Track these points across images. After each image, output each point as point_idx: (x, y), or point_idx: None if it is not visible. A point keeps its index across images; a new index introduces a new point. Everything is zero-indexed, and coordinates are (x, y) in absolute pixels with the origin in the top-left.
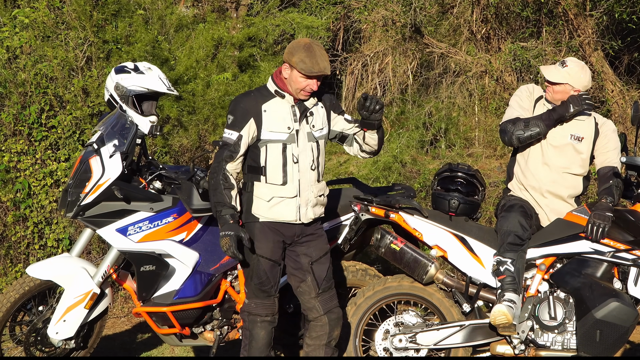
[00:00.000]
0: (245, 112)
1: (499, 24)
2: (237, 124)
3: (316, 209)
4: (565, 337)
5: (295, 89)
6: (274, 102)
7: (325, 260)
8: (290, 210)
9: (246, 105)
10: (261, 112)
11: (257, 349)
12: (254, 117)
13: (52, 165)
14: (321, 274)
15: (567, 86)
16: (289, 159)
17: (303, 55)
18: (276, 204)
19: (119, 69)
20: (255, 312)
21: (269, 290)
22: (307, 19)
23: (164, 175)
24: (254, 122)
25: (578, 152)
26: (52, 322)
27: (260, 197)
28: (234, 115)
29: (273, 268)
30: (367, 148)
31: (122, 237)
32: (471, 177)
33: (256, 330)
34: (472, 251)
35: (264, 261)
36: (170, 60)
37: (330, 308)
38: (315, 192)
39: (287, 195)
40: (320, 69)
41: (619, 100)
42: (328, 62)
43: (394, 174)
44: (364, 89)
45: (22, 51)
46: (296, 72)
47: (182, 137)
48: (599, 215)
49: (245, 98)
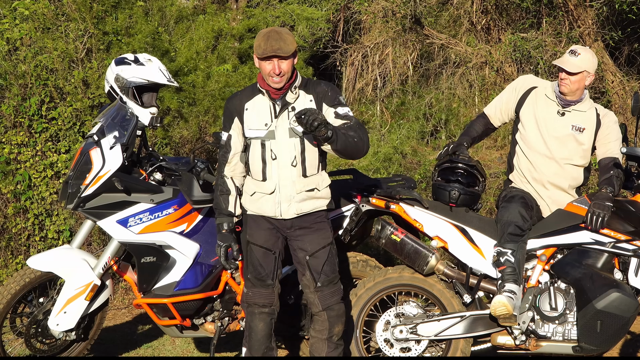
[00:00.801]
0: (231, 112)
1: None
2: (227, 124)
3: (306, 204)
4: (566, 327)
5: (266, 77)
6: (257, 99)
7: (323, 254)
8: (269, 206)
9: (231, 105)
10: (243, 110)
11: (256, 341)
12: (237, 115)
13: (53, 157)
14: (317, 268)
15: (585, 73)
16: (268, 156)
17: (259, 41)
18: (257, 199)
19: (119, 61)
20: (253, 301)
21: (264, 278)
22: (307, 11)
23: (165, 166)
24: (238, 120)
25: (579, 143)
26: (52, 314)
27: (246, 191)
28: (224, 116)
29: (266, 256)
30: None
31: (122, 228)
32: (471, 168)
33: (254, 322)
34: (473, 242)
35: (255, 248)
36: (171, 52)
37: (329, 305)
38: (300, 188)
39: (265, 192)
40: (273, 49)
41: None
42: (287, 42)
43: (395, 165)
44: (364, 80)
45: (22, 43)
46: (257, 60)
47: (182, 129)
48: (599, 204)
49: (233, 98)
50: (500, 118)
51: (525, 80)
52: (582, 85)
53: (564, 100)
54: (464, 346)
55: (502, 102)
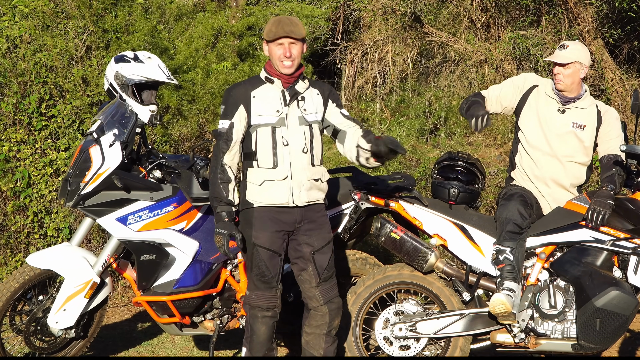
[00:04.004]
0: (235, 100)
1: (499, 12)
2: (229, 113)
3: (312, 192)
4: (565, 325)
5: (276, 63)
6: (263, 88)
7: (328, 250)
8: (282, 193)
9: (236, 93)
10: (250, 98)
11: (258, 343)
12: (243, 103)
13: (52, 154)
14: (322, 264)
15: (577, 64)
16: (279, 142)
17: (270, 25)
18: (268, 187)
19: (119, 58)
20: (256, 304)
21: (269, 281)
22: (307, 8)
23: (164, 164)
24: (244, 108)
25: (580, 140)
26: (52, 312)
27: (252, 182)
28: (226, 105)
29: (272, 258)
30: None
31: (122, 226)
32: (471, 165)
33: (257, 325)
34: (472, 240)
35: (262, 251)
36: (170, 50)
37: (330, 298)
38: (309, 175)
39: (277, 178)
40: (285, 30)
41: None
42: (299, 26)
43: (394, 162)
44: (363, 78)
45: (22, 40)
46: (267, 46)
47: (181, 126)
48: (600, 202)
49: (236, 87)
50: (493, 107)
51: (526, 79)
52: (577, 78)
53: (564, 98)
54: (463, 344)
55: (501, 93)
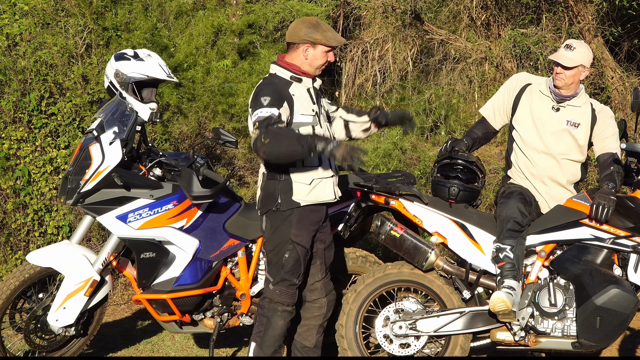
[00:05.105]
0: (280, 95)
1: (499, 10)
2: (275, 103)
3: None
4: (565, 323)
5: (317, 66)
6: (295, 87)
7: (333, 245)
8: (329, 190)
9: (277, 88)
10: (291, 96)
11: (272, 337)
12: (287, 100)
13: (52, 152)
14: (329, 259)
15: (580, 67)
16: None
17: (327, 31)
18: (316, 185)
19: (119, 56)
20: (279, 299)
21: (298, 278)
22: (307, 6)
23: (164, 162)
24: (287, 105)
25: (575, 138)
26: (52, 310)
27: (300, 182)
28: (270, 96)
29: (306, 257)
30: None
31: (122, 224)
32: (471, 164)
33: (275, 318)
34: (472, 238)
35: (300, 249)
36: (170, 47)
37: (329, 290)
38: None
39: (325, 175)
40: (339, 41)
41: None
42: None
43: (394, 160)
44: (363, 76)
45: (22, 38)
46: (321, 48)
47: (181, 124)
48: (604, 197)
49: (271, 84)
50: (499, 120)
51: (518, 79)
52: (577, 79)
53: (559, 95)
54: (464, 342)
55: (499, 102)
